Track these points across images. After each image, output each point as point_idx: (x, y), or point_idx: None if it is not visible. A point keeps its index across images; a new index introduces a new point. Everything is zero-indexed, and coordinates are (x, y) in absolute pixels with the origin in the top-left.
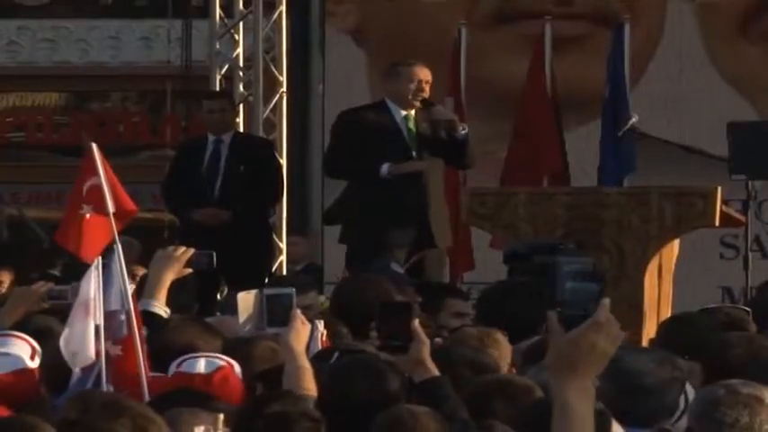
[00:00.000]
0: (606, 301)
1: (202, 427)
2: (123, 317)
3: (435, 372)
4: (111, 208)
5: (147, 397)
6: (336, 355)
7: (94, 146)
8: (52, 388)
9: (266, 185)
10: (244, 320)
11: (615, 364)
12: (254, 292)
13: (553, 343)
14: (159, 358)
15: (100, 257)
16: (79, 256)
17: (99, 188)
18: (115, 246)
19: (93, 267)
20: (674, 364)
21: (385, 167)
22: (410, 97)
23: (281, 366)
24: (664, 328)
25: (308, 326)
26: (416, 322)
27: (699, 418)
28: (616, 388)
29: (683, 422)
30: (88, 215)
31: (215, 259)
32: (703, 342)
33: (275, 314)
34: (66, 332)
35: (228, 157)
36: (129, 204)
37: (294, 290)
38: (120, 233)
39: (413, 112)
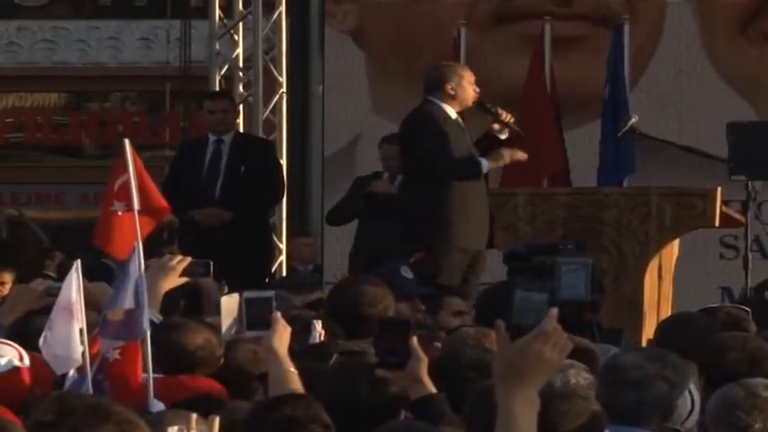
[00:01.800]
0: (554, 310)
1: (176, 428)
2: (138, 316)
3: (432, 389)
4: (137, 205)
5: (152, 400)
6: (335, 357)
7: (127, 142)
8: (56, 388)
9: (267, 186)
10: (228, 325)
11: (609, 360)
12: (235, 295)
13: (500, 351)
14: (166, 359)
15: (78, 260)
16: (110, 254)
17: (128, 185)
18: (136, 244)
19: (72, 270)
20: (667, 362)
21: (485, 163)
22: (472, 100)
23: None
24: (662, 327)
25: (289, 329)
26: (414, 340)
27: (714, 417)
28: (602, 382)
29: (690, 423)
30: (120, 212)
31: (212, 269)
32: (701, 342)
33: (255, 317)
34: (47, 335)
35: (229, 157)
36: (160, 201)
37: (273, 293)
38: (153, 231)
39: None
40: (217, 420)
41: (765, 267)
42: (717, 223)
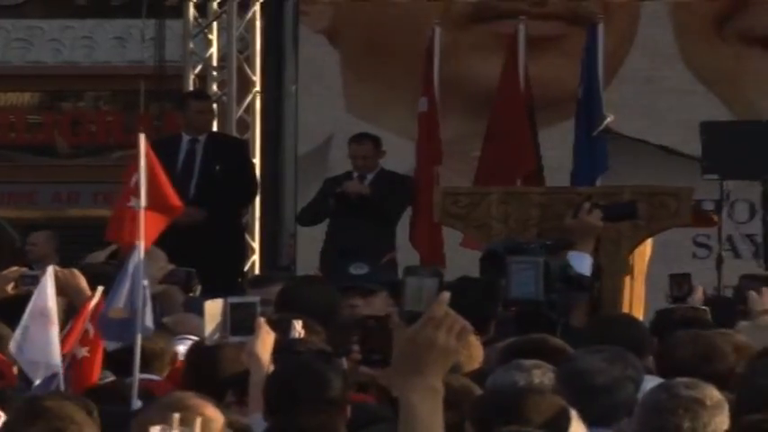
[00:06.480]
0: (445, 295)
1: (158, 428)
2: (138, 317)
3: None
4: (143, 202)
5: (135, 400)
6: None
7: (142, 137)
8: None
9: (241, 185)
10: (211, 330)
11: (568, 365)
12: (220, 300)
13: (395, 341)
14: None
15: (51, 266)
16: (123, 248)
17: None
18: (138, 243)
19: (47, 275)
20: (627, 361)
21: None
22: None
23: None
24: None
25: (273, 335)
26: None
27: (642, 424)
28: (569, 389)
29: None
30: (136, 208)
31: (194, 277)
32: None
33: (239, 323)
34: (21, 342)
35: (204, 157)
36: (173, 199)
37: (258, 299)
38: (167, 227)
39: None
40: (199, 421)
41: (738, 266)
42: (690, 222)
